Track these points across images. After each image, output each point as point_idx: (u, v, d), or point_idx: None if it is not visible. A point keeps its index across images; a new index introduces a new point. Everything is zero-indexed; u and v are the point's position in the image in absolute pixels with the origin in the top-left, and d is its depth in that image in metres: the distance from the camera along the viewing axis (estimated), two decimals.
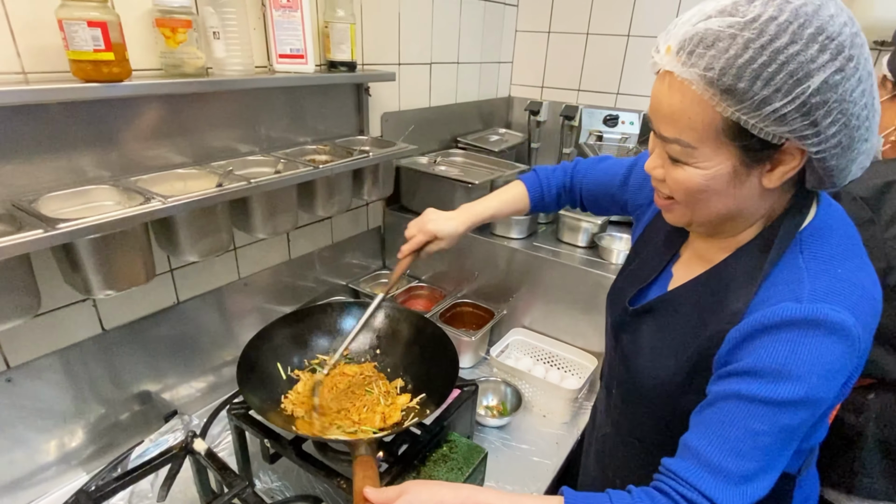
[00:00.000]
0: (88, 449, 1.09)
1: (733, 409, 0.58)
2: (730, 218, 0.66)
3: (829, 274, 0.59)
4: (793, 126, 0.53)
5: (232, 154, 1.16)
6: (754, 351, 0.58)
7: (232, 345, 1.32)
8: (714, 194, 0.61)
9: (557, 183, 1.06)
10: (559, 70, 2.11)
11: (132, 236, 0.89)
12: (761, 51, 0.51)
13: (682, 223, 0.70)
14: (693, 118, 0.56)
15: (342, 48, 1.27)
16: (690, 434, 0.62)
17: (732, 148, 0.57)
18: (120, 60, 0.84)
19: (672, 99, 0.58)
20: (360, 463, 0.77)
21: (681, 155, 0.60)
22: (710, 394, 0.63)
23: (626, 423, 0.86)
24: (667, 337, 0.73)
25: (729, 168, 0.58)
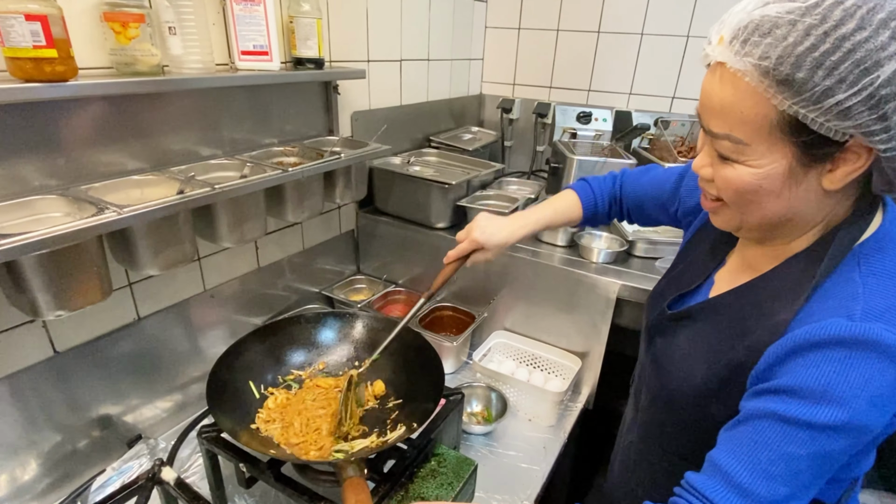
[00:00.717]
0: (43, 482, 1.00)
1: (768, 430, 0.54)
2: (783, 223, 0.61)
3: (888, 292, 0.54)
4: (859, 120, 0.48)
5: (193, 158, 1.09)
6: (796, 368, 0.54)
7: (199, 360, 1.24)
8: (766, 195, 0.57)
9: (608, 192, 1.03)
10: (530, 67, 2.09)
11: (84, 251, 0.81)
12: (824, 38, 0.47)
13: (731, 227, 0.66)
14: (745, 112, 0.53)
15: (308, 44, 1.21)
16: (719, 451, 0.58)
17: (789, 144, 0.53)
18: (64, 58, 0.76)
19: (723, 92, 0.54)
20: (350, 486, 0.72)
21: (731, 152, 0.56)
22: (743, 410, 0.58)
23: (653, 431, 0.82)
24: (702, 343, 0.69)
25: (784, 167, 0.54)
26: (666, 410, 0.77)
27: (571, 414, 1.33)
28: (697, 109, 0.60)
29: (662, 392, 0.76)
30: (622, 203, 1.02)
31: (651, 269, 1.36)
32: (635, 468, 0.89)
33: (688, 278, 0.78)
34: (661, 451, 0.81)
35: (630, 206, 1.01)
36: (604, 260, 1.37)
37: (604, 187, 1.03)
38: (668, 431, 0.79)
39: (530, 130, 2.01)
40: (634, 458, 0.89)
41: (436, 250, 1.55)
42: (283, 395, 0.99)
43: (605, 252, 1.37)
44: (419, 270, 1.62)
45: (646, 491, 0.85)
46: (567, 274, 1.35)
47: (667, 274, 0.87)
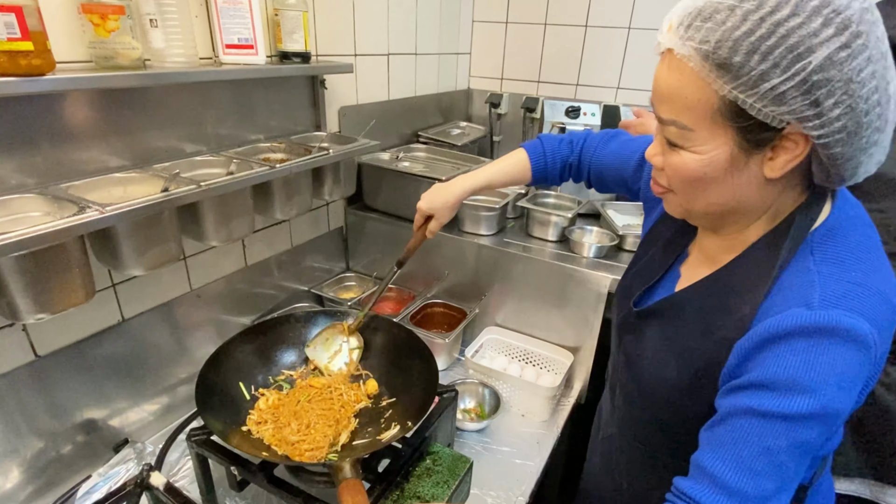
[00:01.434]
0: (26, 489, 0.97)
1: (746, 426, 0.55)
2: (729, 211, 0.62)
3: (841, 278, 0.55)
4: (792, 106, 0.50)
5: (177, 155, 1.06)
6: (765, 362, 0.55)
7: (186, 361, 1.21)
8: (711, 183, 0.58)
9: (563, 156, 1.01)
10: (518, 61, 2.08)
11: (65, 252, 0.78)
12: (760, 23, 0.48)
13: (680, 214, 0.67)
14: (689, 97, 0.54)
15: (294, 38, 1.18)
16: (703, 454, 0.59)
17: (730, 130, 0.54)
18: (40, 51, 0.73)
19: (670, 78, 0.56)
20: (347, 488, 0.71)
21: (678, 138, 0.58)
22: (719, 409, 0.59)
23: (631, 426, 0.83)
24: (671, 341, 0.70)
25: (726, 153, 0.56)
26: (641, 407, 0.78)
27: (564, 409, 1.33)
28: (650, 98, 0.61)
29: (636, 389, 0.77)
30: (582, 169, 1.01)
31: None
32: (618, 461, 0.89)
33: (652, 271, 0.78)
34: (641, 445, 0.82)
35: (592, 172, 1.00)
36: (594, 254, 1.37)
37: (558, 150, 1.02)
38: (645, 426, 0.80)
39: (519, 125, 2.00)
40: (615, 451, 0.90)
41: (425, 247, 1.53)
42: (274, 395, 0.98)
43: (596, 246, 1.37)
44: (409, 267, 1.59)
45: (631, 484, 0.86)
46: (558, 269, 1.34)
47: (631, 266, 0.87)
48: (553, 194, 1.61)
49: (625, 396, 0.83)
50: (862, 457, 1.09)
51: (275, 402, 0.96)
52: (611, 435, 0.91)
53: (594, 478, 1.00)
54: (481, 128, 2.08)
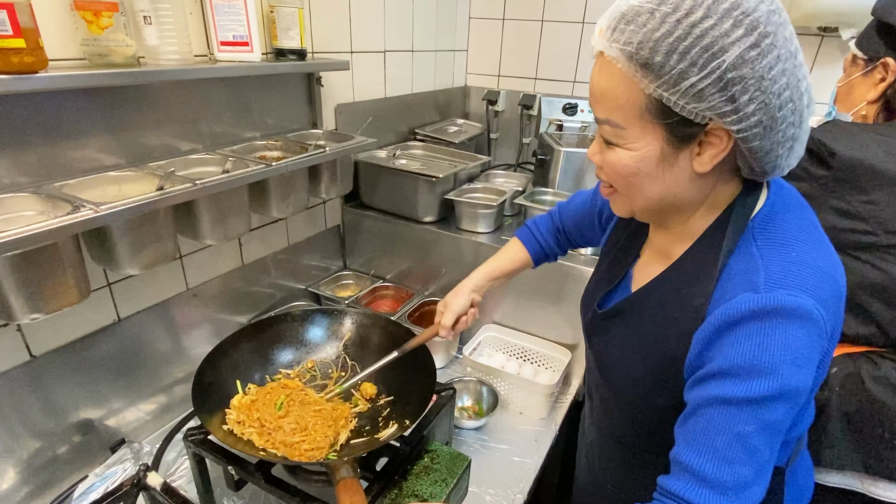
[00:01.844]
0: (23, 490, 0.96)
1: (714, 415, 0.56)
2: (667, 206, 0.65)
3: (782, 259, 0.58)
4: (711, 102, 0.53)
5: (172, 153, 1.05)
6: (721, 350, 0.57)
7: (183, 361, 1.21)
8: (646, 178, 0.61)
9: (549, 229, 1.06)
10: (515, 58, 2.07)
11: (60, 251, 0.77)
12: (677, 25, 0.51)
13: (625, 213, 0.70)
14: (619, 96, 0.57)
15: (290, 35, 1.18)
16: (679, 448, 0.60)
17: (658, 127, 0.57)
18: (33, 48, 0.73)
19: (601, 78, 0.59)
20: (344, 487, 0.71)
21: (612, 136, 0.61)
22: (688, 402, 0.61)
23: (608, 426, 0.85)
24: (634, 338, 0.72)
25: (657, 149, 0.58)
26: (616, 406, 0.80)
27: (562, 406, 1.33)
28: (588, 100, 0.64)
29: (609, 389, 0.79)
30: (565, 233, 1.05)
31: None
32: (600, 465, 0.91)
33: (611, 275, 0.81)
34: (620, 446, 0.83)
35: (572, 233, 1.04)
36: (592, 252, 1.37)
37: (543, 227, 1.07)
38: (622, 426, 0.81)
39: (516, 122, 2.00)
40: (598, 456, 0.91)
41: (423, 244, 1.53)
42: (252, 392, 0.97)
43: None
44: (407, 265, 1.60)
45: (615, 486, 0.88)
46: (556, 266, 1.34)
47: (594, 273, 0.89)
48: (550, 192, 1.61)
49: (600, 398, 0.84)
50: (852, 450, 1.10)
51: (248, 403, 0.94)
52: (591, 440, 0.93)
53: (582, 484, 1.01)
54: (478, 125, 2.08)
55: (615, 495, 0.88)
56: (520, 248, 1.07)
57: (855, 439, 1.10)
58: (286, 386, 1.00)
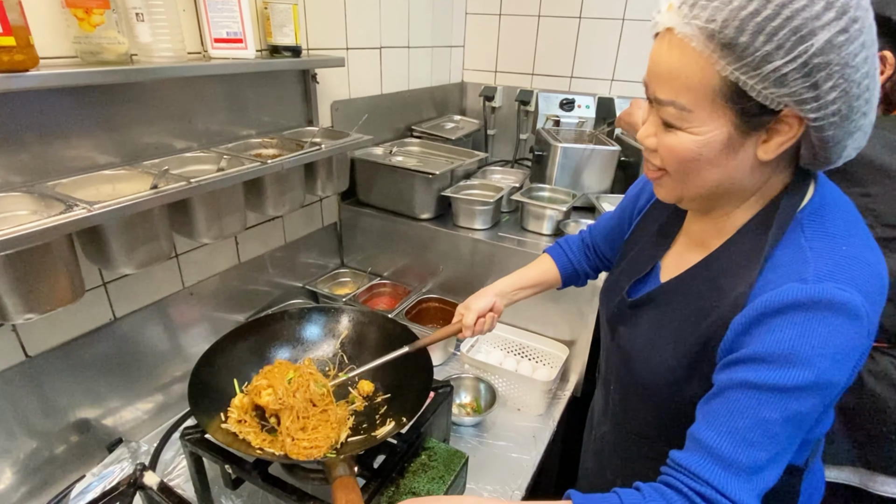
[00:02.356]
0: (20, 490, 0.96)
1: (741, 398, 0.56)
2: (721, 193, 0.63)
3: (833, 252, 0.57)
4: (793, 88, 0.50)
5: (166, 151, 1.05)
6: (760, 336, 0.55)
7: (180, 360, 1.21)
8: (706, 164, 0.59)
9: (577, 245, 1.05)
10: (512, 54, 2.07)
11: (53, 251, 0.77)
12: (766, 3, 0.48)
13: (673, 198, 0.67)
14: (690, 77, 0.54)
15: (285, 31, 1.17)
16: (698, 426, 0.60)
17: (729, 112, 0.54)
18: (23, 46, 0.72)
19: (670, 58, 0.55)
20: (340, 486, 0.71)
21: (675, 119, 0.58)
22: (716, 383, 0.60)
23: (627, 420, 0.84)
24: (666, 328, 0.70)
25: (724, 135, 0.56)
26: (639, 397, 0.78)
27: (560, 402, 1.33)
28: (645, 79, 0.61)
29: (634, 381, 0.77)
30: (595, 250, 1.03)
31: None
32: (610, 458, 0.90)
33: (641, 264, 0.79)
34: (637, 438, 0.82)
35: (602, 248, 1.02)
36: None
37: (573, 243, 1.06)
38: (643, 417, 0.80)
39: (513, 118, 2.00)
40: (609, 449, 0.90)
41: (421, 241, 1.53)
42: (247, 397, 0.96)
43: None
44: (404, 262, 1.60)
45: (624, 480, 0.85)
46: None
47: (617, 264, 0.88)
48: (548, 188, 1.60)
49: (621, 390, 0.83)
50: (852, 445, 1.10)
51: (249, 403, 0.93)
52: (604, 433, 0.91)
53: (588, 479, 1.00)
54: (475, 121, 2.07)
55: None
56: (549, 263, 1.05)
57: (853, 435, 1.11)
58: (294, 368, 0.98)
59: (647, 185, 0.88)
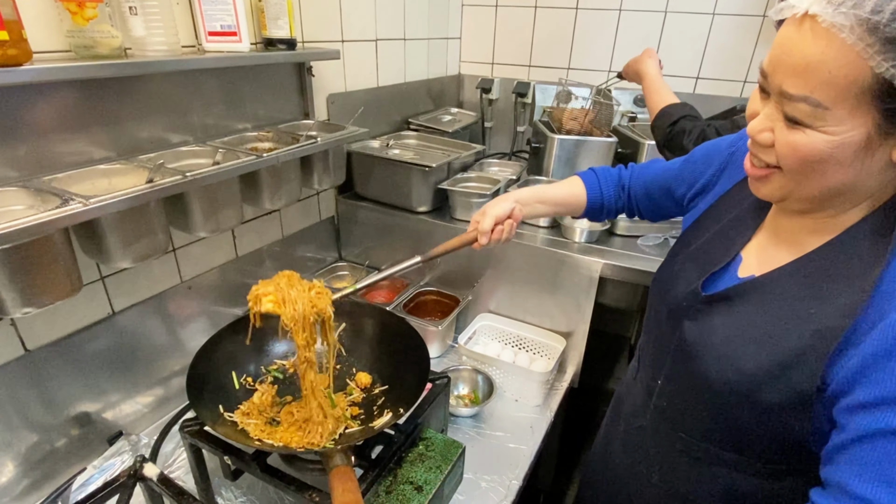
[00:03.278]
0: (22, 483, 0.97)
1: (889, 447, 0.51)
2: (836, 195, 0.58)
3: None
4: None
5: (162, 145, 1.05)
6: None
7: (179, 354, 1.21)
8: (834, 165, 0.53)
9: (615, 181, 1.00)
10: (509, 45, 2.06)
11: (50, 245, 0.77)
12: None
13: (777, 197, 0.62)
14: (834, 72, 0.48)
15: (279, 24, 1.17)
16: (847, 476, 0.54)
17: (874, 111, 0.49)
18: (16, 40, 0.72)
19: (812, 48, 0.49)
20: (337, 475, 0.71)
21: (806, 116, 0.52)
22: (852, 426, 0.54)
23: (675, 418, 0.78)
24: (751, 327, 0.65)
25: (862, 136, 0.50)
26: (697, 397, 0.73)
27: (557, 393, 1.34)
28: (765, 67, 0.55)
29: (695, 379, 0.72)
30: (631, 195, 0.99)
31: (633, 248, 1.36)
32: (647, 453, 0.85)
33: (716, 255, 0.73)
34: (687, 438, 0.77)
35: (637, 197, 0.98)
36: (586, 239, 1.37)
37: (610, 176, 1.01)
38: (696, 417, 0.75)
39: (510, 111, 1.99)
40: (648, 444, 0.85)
41: (418, 234, 1.53)
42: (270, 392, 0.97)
43: (588, 231, 1.37)
44: (402, 255, 1.59)
45: (662, 476, 0.83)
46: (550, 254, 1.34)
47: (676, 253, 0.82)
48: (545, 179, 1.61)
49: (674, 387, 0.78)
50: None
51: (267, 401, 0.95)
52: (640, 426, 0.86)
53: (613, 473, 0.95)
54: (473, 114, 2.07)
55: (664, 487, 0.82)
56: (579, 186, 0.99)
57: None
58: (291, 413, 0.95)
59: (723, 162, 0.82)
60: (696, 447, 0.76)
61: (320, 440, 0.85)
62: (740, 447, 0.70)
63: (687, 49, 1.77)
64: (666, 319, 0.79)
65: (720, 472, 0.74)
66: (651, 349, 0.85)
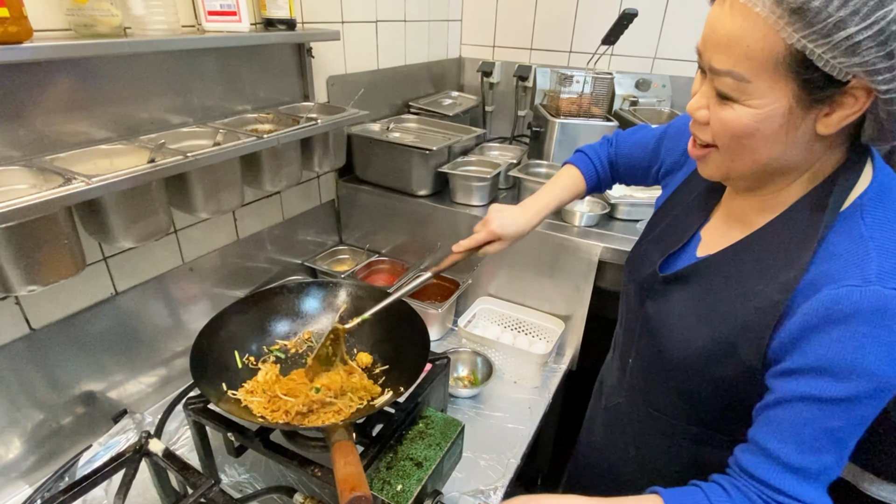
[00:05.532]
0: (29, 459, 0.99)
1: (806, 411, 0.55)
2: (772, 171, 0.60)
3: None
4: (865, 58, 0.47)
5: (163, 126, 1.05)
6: (823, 346, 0.54)
7: (181, 335, 1.23)
8: (762, 139, 0.55)
9: (606, 156, 1.01)
10: (510, 28, 2.04)
11: (53, 223, 0.78)
12: None
13: (719, 176, 0.64)
14: (752, 45, 0.51)
15: (279, 4, 1.16)
16: (763, 434, 0.59)
17: (791, 83, 0.51)
18: (17, 18, 0.72)
19: (732, 23, 0.52)
20: (339, 449, 0.73)
21: (732, 90, 0.54)
22: (776, 390, 0.58)
23: (645, 394, 0.82)
24: (700, 306, 0.68)
25: (784, 108, 0.52)
26: (662, 373, 0.77)
27: (556, 375, 1.35)
28: (699, 47, 0.58)
29: (659, 356, 0.75)
30: (616, 165, 1.01)
31: (633, 232, 1.37)
32: (624, 429, 0.89)
33: (675, 237, 0.76)
34: (656, 413, 0.81)
35: (620, 162, 1.00)
36: (586, 223, 1.38)
37: (601, 153, 1.02)
38: (662, 393, 0.78)
39: (511, 94, 1.98)
40: (623, 421, 0.89)
41: (418, 218, 1.54)
42: (273, 371, 0.98)
43: (588, 215, 1.37)
44: (402, 239, 1.61)
45: (638, 450, 0.87)
46: (550, 238, 1.35)
47: (646, 234, 0.85)
48: (545, 164, 1.60)
49: (641, 364, 0.81)
50: None
51: (272, 378, 0.96)
52: (617, 404, 0.90)
53: (596, 447, 1.00)
54: (473, 97, 2.05)
55: (639, 459, 0.87)
56: (577, 177, 1.01)
57: None
58: None
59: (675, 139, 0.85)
60: (665, 422, 0.80)
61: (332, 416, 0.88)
62: (704, 421, 0.74)
63: (690, 32, 1.76)
64: (634, 299, 0.82)
65: (686, 446, 0.78)
66: (624, 328, 0.89)
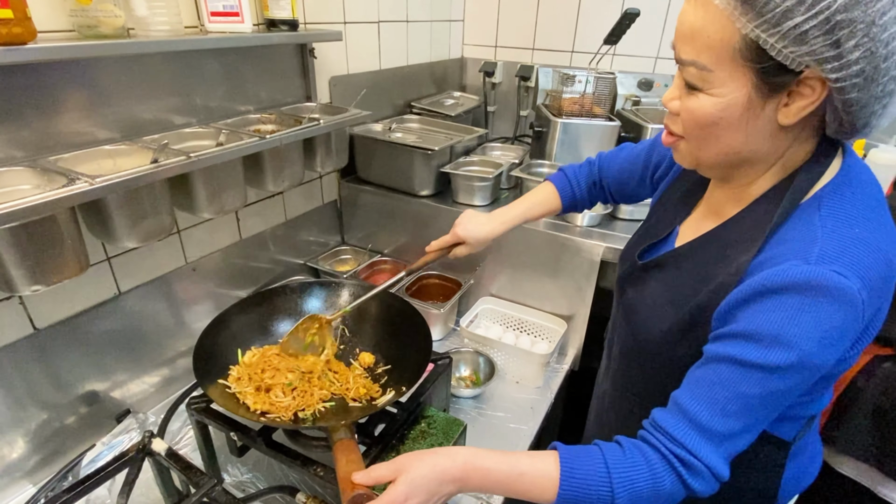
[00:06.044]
0: (32, 459, 0.99)
1: (725, 372, 0.58)
2: (740, 161, 0.63)
3: (843, 234, 0.56)
4: (813, 46, 0.49)
5: (166, 126, 1.05)
6: (753, 314, 0.56)
7: (184, 335, 1.23)
8: (725, 128, 0.58)
9: (586, 178, 1.03)
10: (512, 28, 2.04)
11: (57, 224, 0.78)
12: None
13: (689, 164, 0.67)
14: (712, 36, 0.54)
15: (281, 4, 1.16)
16: (682, 391, 0.62)
17: (749, 72, 0.54)
18: (21, 19, 0.72)
19: (695, 15, 0.56)
20: (340, 448, 0.73)
21: (696, 80, 0.58)
22: (705, 353, 0.62)
23: (624, 379, 0.86)
24: (668, 291, 0.72)
25: (744, 97, 0.55)
26: (636, 358, 0.81)
27: (558, 375, 1.35)
28: (673, 41, 0.61)
29: (632, 340, 0.79)
30: (603, 185, 1.03)
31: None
32: (608, 416, 0.93)
33: (658, 229, 0.81)
34: (632, 397, 0.85)
35: (612, 185, 1.02)
36: (588, 223, 1.38)
37: (580, 174, 1.04)
38: (637, 378, 0.82)
39: (513, 94, 1.98)
40: (607, 407, 0.93)
41: (420, 218, 1.54)
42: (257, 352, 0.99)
43: (590, 215, 1.37)
44: (404, 239, 1.61)
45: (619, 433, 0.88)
46: (552, 238, 1.35)
47: (640, 228, 0.89)
48: (547, 164, 1.60)
49: (621, 350, 0.85)
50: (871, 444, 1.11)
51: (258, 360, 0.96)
52: (604, 391, 0.94)
53: (589, 435, 1.03)
54: (475, 98, 2.05)
55: None
56: (552, 193, 1.04)
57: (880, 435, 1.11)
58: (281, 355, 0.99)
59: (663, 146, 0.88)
60: (639, 405, 0.83)
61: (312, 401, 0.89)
62: None
63: None
64: (617, 287, 0.87)
65: None
66: (612, 316, 0.93)
